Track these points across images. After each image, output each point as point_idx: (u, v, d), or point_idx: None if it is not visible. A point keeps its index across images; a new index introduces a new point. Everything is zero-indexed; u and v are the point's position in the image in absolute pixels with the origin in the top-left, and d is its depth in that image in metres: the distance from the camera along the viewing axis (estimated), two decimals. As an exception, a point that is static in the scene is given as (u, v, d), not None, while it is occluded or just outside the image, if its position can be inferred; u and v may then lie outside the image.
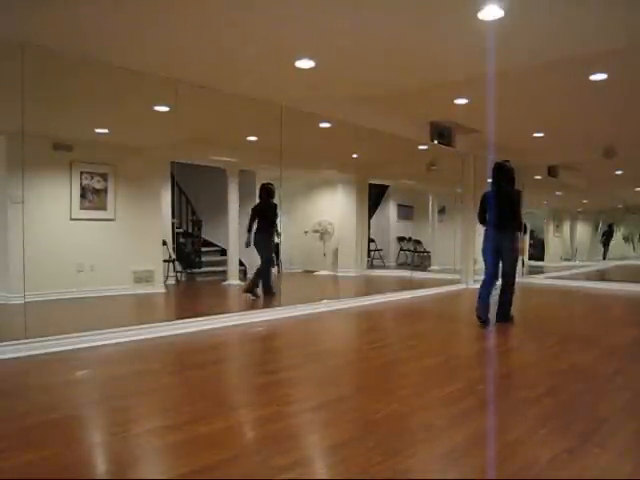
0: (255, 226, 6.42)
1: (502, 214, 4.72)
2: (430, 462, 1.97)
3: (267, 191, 6.48)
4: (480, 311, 4.79)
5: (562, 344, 4.17)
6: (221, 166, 8.26)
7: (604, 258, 12.59)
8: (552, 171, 9.51)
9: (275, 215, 6.48)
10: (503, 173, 4.83)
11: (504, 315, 4.86)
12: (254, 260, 9.17)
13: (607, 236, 12.61)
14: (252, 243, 6.47)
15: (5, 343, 3.54)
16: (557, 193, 11.85)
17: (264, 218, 6.43)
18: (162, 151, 7.11)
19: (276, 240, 6.66)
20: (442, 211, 11.63)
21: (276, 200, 6.56)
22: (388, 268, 11.52)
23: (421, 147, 7.60)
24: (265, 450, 2.06)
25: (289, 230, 6.91)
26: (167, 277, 7.77)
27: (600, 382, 3.07)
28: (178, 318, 4.73)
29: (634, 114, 6.09)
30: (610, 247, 12.60)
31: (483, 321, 4.75)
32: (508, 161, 4.97)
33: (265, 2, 3.06)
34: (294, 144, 6.25)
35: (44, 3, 3.04)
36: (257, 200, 6.62)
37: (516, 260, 4.91)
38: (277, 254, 9.59)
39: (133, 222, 6.91)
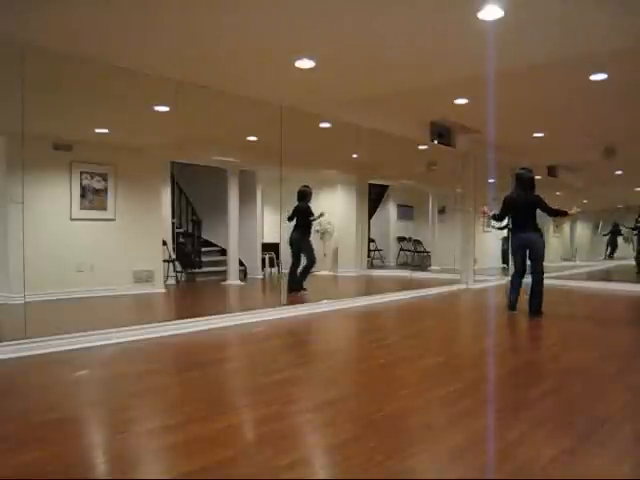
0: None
1: (523, 217, 5.37)
2: (431, 461, 1.97)
3: (300, 194, 6.86)
4: (511, 301, 5.48)
5: (562, 343, 4.17)
6: (221, 166, 8.26)
7: (610, 257, 12.47)
8: (552, 171, 9.52)
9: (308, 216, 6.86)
10: (520, 181, 5.37)
11: (537, 308, 5.27)
12: (253, 260, 9.23)
13: (614, 235, 12.48)
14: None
15: (5, 343, 3.54)
16: (557, 193, 11.84)
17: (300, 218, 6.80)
18: (162, 151, 7.11)
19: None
20: (442, 211, 11.63)
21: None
22: (388, 268, 11.52)
23: (421, 147, 7.61)
24: (266, 450, 2.06)
25: (289, 230, 6.92)
26: (167, 277, 7.77)
27: (601, 382, 3.07)
28: (178, 318, 4.73)
29: (634, 114, 6.09)
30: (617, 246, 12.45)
31: (512, 308, 5.42)
32: (529, 170, 5.42)
33: (265, 2, 3.07)
34: (294, 144, 6.25)
35: (44, 4, 3.04)
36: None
37: (542, 256, 5.48)
38: (277, 254, 9.63)
39: (133, 222, 6.91)
